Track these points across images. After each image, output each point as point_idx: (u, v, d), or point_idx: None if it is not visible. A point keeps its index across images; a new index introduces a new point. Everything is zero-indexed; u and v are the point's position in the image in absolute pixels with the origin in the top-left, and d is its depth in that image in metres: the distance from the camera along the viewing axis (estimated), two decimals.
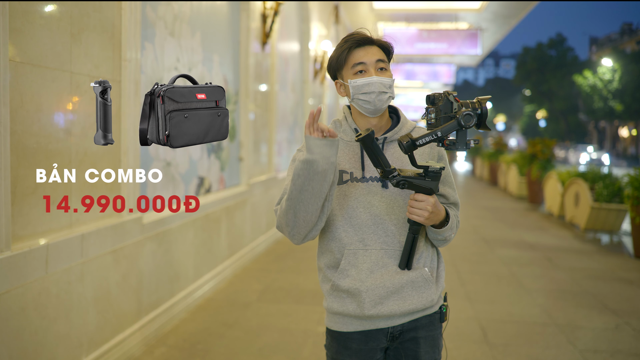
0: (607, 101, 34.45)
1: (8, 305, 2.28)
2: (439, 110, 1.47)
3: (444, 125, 1.43)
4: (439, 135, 1.43)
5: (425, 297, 1.62)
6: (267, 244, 6.35)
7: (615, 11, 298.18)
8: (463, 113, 1.40)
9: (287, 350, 3.47)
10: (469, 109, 1.42)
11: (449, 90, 1.49)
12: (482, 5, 11.45)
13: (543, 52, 42.08)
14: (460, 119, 1.40)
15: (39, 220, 2.50)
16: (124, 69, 3.15)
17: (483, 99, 1.45)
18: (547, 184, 10.07)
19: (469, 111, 1.41)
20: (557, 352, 3.57)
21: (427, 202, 1.50)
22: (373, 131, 1.45)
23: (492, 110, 66.17)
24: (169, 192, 3.91)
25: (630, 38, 44.46)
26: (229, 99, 5.17)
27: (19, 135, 2.35)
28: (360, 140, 1.45)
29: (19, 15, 2.33)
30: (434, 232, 1.60)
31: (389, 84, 1.58)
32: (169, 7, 3.85)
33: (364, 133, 1.44)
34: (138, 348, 3.33)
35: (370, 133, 1.44)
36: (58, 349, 2.61)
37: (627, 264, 6.09)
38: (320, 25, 9.83)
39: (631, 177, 6.78)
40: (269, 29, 6.05)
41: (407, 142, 1.43)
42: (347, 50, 1.59)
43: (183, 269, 4.06)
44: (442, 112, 1.47)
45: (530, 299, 4.68)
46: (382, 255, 1.59)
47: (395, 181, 1.49)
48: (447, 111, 1.46)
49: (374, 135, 1.44)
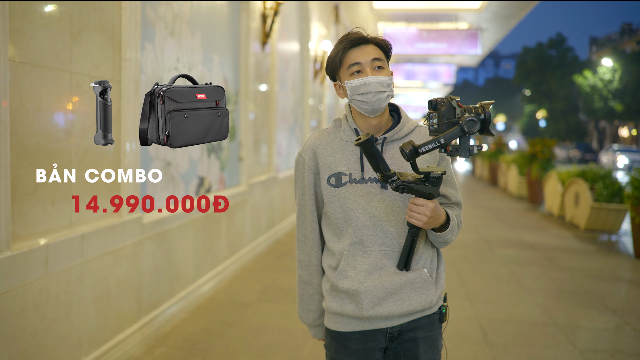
0: (607, 101, 34.43)
1: (8, 305, 2.28)
2: (442, 116, 1.44)
3: (447, 132, 1.39)
4: (442, 142, 1.39)
5: (424, 298, 1.61)
6: (267, 244, 6.35)
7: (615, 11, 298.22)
8: (466, 119, 1.37)
9: (287, 350, 3.46)
10: (472, 114, 1.39)
11: (451, 96, 1.46)
12: (482, 5, 11.45)
13: (543, 52, 42.07)
14: (464, 125, 1.37)
15: (39, 220, 2.50)
16: (124, 69, 3.15)
17: (486, 103, 1.41)
18: (547, 184, 10.07)
19: (472, 117, 1.37)
20: (557, 352, 3.57)
21: (426, 207, 1.49)
22: (373, 135, 1.42)
23: (492, 111, 65.99)
24: (169, 192, 3.91)
25: (630, 38, 44.45)
26: (229, 99, 5.17)
27: (19, 135, 2.35)
28: (360, 144, 1.42)
29: (19, 15, 2.33)
30: (434, 235, 1.60)
31: (387, 82, 1.55)
32: (169, 7, 3.85)
33: (363, 137, 1.42)
34: (138, 348, 3.33)
35: (370, 138, 1.41)
36: (58, 349, 2.61)
37: (627, 264, 6.09)
38: (320, 25, 9.83)
39: (631, 177, 6.78)
40: (269, 29, 6.05)
41: (409, 150, 1.40)
42: (342, 51, 1.57)
43: (183, 269, 4.06)
44: (444, 118, 1.43)
45: (530, 299, 4.68)
46: (381, 256, 1.59)
47: (395, 185, 1.46)
48: (450, 117, 1.43)
49: (373, 140, 1.42)
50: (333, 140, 1.66)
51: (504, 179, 14.27)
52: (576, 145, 36.67)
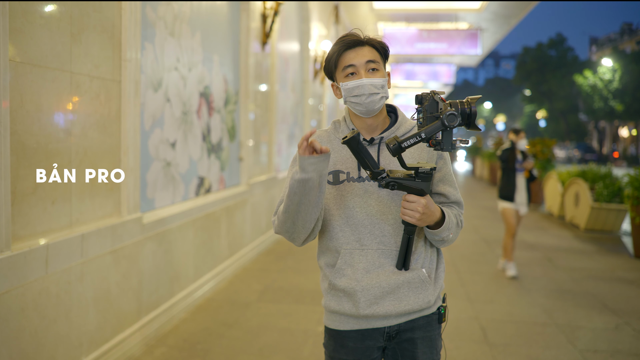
0: (607, 101, 34.41)
1: (8, 305, 2.28)
2: (425, 110, 1.45)
3: (429, 126, 1.41)
4: (423, 136, 1.40)
5: (422, 298, 1.61)
6: (267, 244, 6.35)
7: (615, 11, 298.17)
8: (447, 113, 1.38)
9: (287, 350, 3.47)
10: (455, 108, 1.39)
11: (435, 90, 1.47)
12: (482, 5, 11.45)
13: (543, 52, 42.05)
14: (444, 119, 1.38)
15: (38, 220, 2.50)
16: (124, 69, 3.15)
17: (473, 98, 1.42)
18: (547, 184, 10.07)
19: (452, 111, 1.38)
20: (557, 352, 3.57)
21: (418, 203, 1.49)
22: (358, 133, 1.43)
23: (492, 110, 66.20)
24: (169, 192, 3.91)
25: (630, 38, 44.44)
26: (229, 99, 5.17)
27: (19, 135, 2.35)
28: (346, 142, 1.42)
29: (19, 15, 2.33)
30: (430, 233, 1.60)
31: (381, 84, 1.56)
32: (169, 7, 3.85)
33: (349, 135, 1.42)
34: (138, 348, 3.33)
35: (355, 135, 1.42)
36: (58, 349, 2.61)
37: (627, 264, 6.09)
38: (320, 25, 9.83)
39: (631, 177, 6.79)
40: (269, 29, 6.05)
41: (393, 144, 1.41)
42: (338, 53, 1.59)
43: (183, 269, 4.07)
44: (427, 112, 1.45)
45: (530, 299, 4.68)
46: (378, 255, 1.59)
47: (384, 182, 1.47)
48: (433, 111, 1.44)
49: (359, 137, 1.42)
50: (332, 140, 1.68)
51: None
52: (576, 145, 36.66)
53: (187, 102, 4.13)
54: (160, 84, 3.72)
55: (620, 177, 8.13)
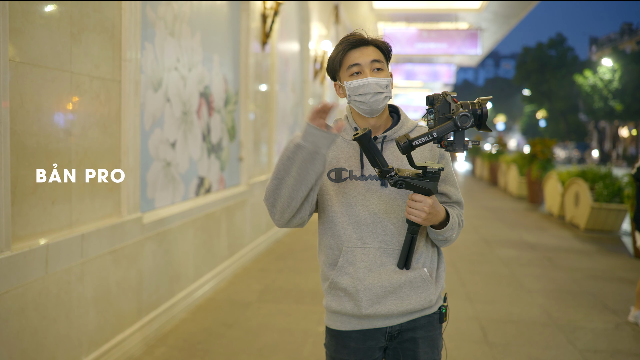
0: (607, 101, 34.41)
1: (8, 305, 2.28)
2: (437, 111, 1.47)
3: (441, 126, 1.42)
4: (435, 135, 1.42)
5: (423, 298, 1.61)
6: (267, 244, 6.35)
7: (615, 11, 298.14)
8: (459, 114, 1.39)
9: (287, 350, 3.46)
10: (467, 109, 1.41)
11: (447, 91, 1.49)
12: (482, 5, 11.45)
13: (543, 52, 42.05)
14: (457, 120, 1.39)
15: (38, 220, 2.50)
16: (124, 69, 3.15)
17: (484, 99, 1.44)
18: (547, 184, 10.07)
19: (465, 112, 1.39)
20: (557, 352, 3.57)
21: (424, 203, 1.49)
22: (370, 130, 1.44)
23: (492, 110, 66.16)
24: (169, 192, 3.91)
25: (630, 38, 44.44)
26: (229, 99, 5.17)
27: (19, 135, 2.35)
28: (357, 139, 1.44)
29: (19, 15, 2.33)
30: (434, 233, 1.60)
31: (385, 84, 1.57)
32: (169, 7, 3.85)
33: (361, 132, 1.44)
34: (138, 348, 3.33)
35: (367, 132, 1.43)
36: (58, 349, 2.61)
37: (627, 264, 6.09)
38: (320, 25, 9.83)
39: (631, 177, 6.78)
40: (269, 29, 6.05)
41: (404, 142, 1.42)
42: (342, 52, 1.59)
43: (183, 269, 4.06)
44: (440, 113, 1.46)
45: (530, 299, 4.68)
46: (380, 254, 1.59)
47: (392, 181, 1.48)
48: (445, 112, 1.45)
49: (370, 135, 1.44)
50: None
51: (504, 179, 14.28)
52: (576, 145, 36.66)
53: (187, 102, 4.13)
54: (160, 84, 3.72)
55: (620, 177, 8.14)
